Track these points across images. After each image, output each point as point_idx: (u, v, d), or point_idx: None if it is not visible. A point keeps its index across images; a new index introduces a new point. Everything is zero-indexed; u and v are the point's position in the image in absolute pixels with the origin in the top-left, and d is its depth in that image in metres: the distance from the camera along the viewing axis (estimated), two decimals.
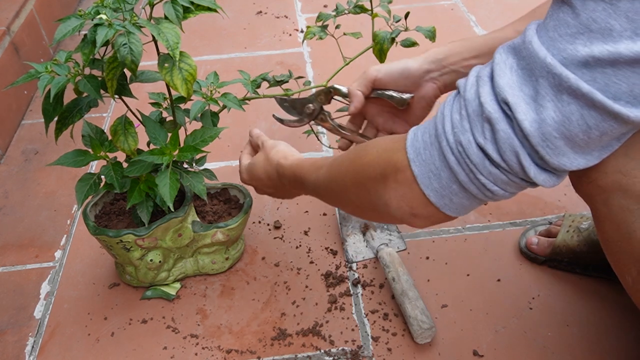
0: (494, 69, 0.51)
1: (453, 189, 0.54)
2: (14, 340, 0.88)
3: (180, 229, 0.87)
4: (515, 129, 0.49)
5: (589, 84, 0.45)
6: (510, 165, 0.51)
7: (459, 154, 0.52)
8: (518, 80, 0.49)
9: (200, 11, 0.70)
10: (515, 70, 0.49)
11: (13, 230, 1.07)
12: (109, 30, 0.64)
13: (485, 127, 0.50)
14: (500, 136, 0.49)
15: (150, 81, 0.80)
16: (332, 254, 0.98)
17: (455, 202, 0.56)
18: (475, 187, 0.53)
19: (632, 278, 0.57)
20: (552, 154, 0.49)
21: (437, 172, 0.54)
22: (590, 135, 0.47)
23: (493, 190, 0.53)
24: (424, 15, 1.68)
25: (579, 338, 0.83)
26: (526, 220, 1.01)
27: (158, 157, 0.77)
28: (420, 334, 0.82)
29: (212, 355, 0.84)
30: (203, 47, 1.58)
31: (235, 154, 1.22)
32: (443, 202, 0.56)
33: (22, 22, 1.42)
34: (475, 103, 0.51)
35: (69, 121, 0.76)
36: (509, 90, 0.49)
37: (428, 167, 0.55)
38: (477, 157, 0.51)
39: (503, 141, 0.49)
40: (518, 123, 0.48)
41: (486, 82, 0.51)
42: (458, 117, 0.53)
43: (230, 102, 0.85)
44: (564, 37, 0.46)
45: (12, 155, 1.26)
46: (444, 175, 0.54)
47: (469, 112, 0.52)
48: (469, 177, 0.53)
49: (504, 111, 0.49)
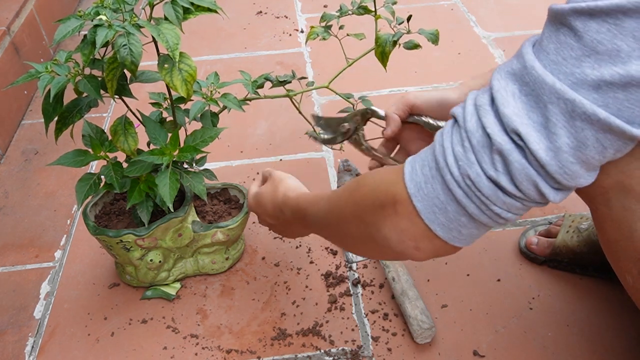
0: (494, 97, 0.49)
1: (462, 221, 0.53)
2: (14, 340, 0.88)
3: (180, 229, 0.87)
4: (529, 158, 0.48)
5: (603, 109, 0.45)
6: (527, 194, 0.49)
7: (467, 188, 0.51)
8: (524, 108, 0.47)
9: (200, 12, 0.70)
10: (518, 97, 0.48)
11: (13, 230, 1.07)
12: (109, 31, 0.64)
13: (496, 159, 0.49)
14: (514, 167, 0.48)
15: (151, 81, 0.80)
16: (332, 254, 0.98)
17: (465, 234, 0.54)
18: (487, 217, 0.52)
19: (632, 278, 0.57)
20: (569, 179, 0.48)
21: (442, 206, 0.53)
22: (606, 155, 0.47)
23: (507, 217, 0.52)
24: (424, 15, 1.68)
25: (579, 338, 0.83)
26: (526, 220, 1.01)
27: (158, 158, 0.77)
28: (420, 334, 0.82)
29: (212, 355, 0.84)
30: (203, 48, 1.58)
31: (235, 154, 1.22)
32: (451, 235, 0.54)
33: (22, 22, 1.43)
34: (479, 134, 0.49)
35: (69, 121, 0.76)
36: (516, 119, 0.47)
37: (432, 202, 0.53)
38: (489, 189, 0.50)
39: (518, 172, 0.48)
40: (532, 153, 0.47)
41: (488, 111, 0.49)
42: (461, 149, 0.51)
43: (230, 103, 0.85)
44: (568, 60, 0.45)
45: (12, 155, 1.26)
46: (450, 209, 0.52)
47: (473, 143, 0.50)
48: (480, 209, 0.52)
49: (514, 141, 0.48)
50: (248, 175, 1.16)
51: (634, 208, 0.53)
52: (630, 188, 0.53)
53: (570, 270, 0.91)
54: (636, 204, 0.53)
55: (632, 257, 0.56)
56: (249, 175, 1.16)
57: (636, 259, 0.55)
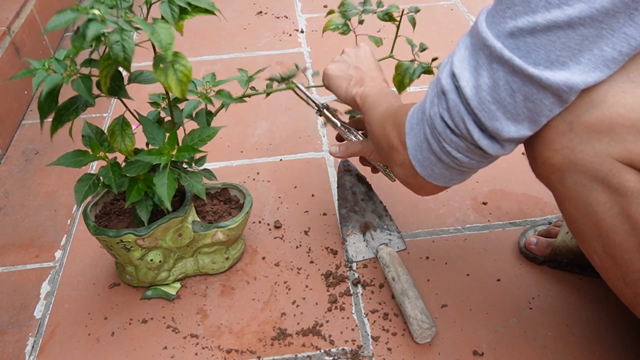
0: (455, 50, 0.58)
1: (431, 159, 0.62)
2: (14, 340, 0.88)
3: (180, 229, 0.87)
4: (460, 96, 0.56)
5: (512, 52, 0.51)
6: (460, 130, 0.57)
7: (431, 126, 0.60)
8: (467, 55, 0.56)
9: (197, 13, 0.70)
10: (467, 47, 0.56)
11: (13, 230, 1.08)
12: (100, 26, 0.64)
13: (442, 98, 0.58)
14: (450, 104, 0.57)
15: (149, 82, 0.80)
16: (332, 254, 0.98)
17: (437, 172, 0.63)
18: (445, 155, 0.60)
19: (598, 256, 0.59)
20: (487, 117, 0.55)
21: (420, 144, 0.62)
22: (516, 99, 0.53)
23: (458, 157, 0.60)
24: (424, 15, 1.68)
25: (579, 338, 0.83)
26: (526, 220, 1.01)
27: (156, 158, 0.77)
28: (420, 334, 0.82)
29: (212, 355, 0.84)
30: (203, 47, 1.58)
31: (235, 154, 1.22)
32: (427, 172, 0.64)
33: (22, 22, 1.43)
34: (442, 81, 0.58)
35: (65, 119, 0.76)
36: (458, 64, 0.56)
37: (416, 141, 0.63)
38: (440, 126, 0.58)
39: (453, 108, 0.56)
40: (461, 90, 0.55)
41: (448, 61, 0.58)
42: (433, 93, 0.60)
43: (223, 98, 0.85)
44: (499, 13, 0.52)
45: (12, 155, 1.26)
46: (424, 146, 0.62)
47: (438, 88, 0.59)
48: (439, 147, 0.60)
49: (454, 83, 0.56)
50: (248, 175, 1.16)
51: (585, 182, 0.55)
52: (577, 163, 0.54)
53: (570, 270, 0.91)
54: (586, 178, 0.55)
55: (593, 233, 0.57)
56: (249, 175, 1.16)
57: (597, 234, 0.56)
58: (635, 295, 0.58)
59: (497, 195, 1.08)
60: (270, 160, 1.20)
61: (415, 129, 0.63)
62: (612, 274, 0.58)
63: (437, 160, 0.62)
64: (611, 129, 0.52)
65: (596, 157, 0.53)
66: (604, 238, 0.56)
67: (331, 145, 0.94)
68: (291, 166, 1.18)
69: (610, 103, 0.52)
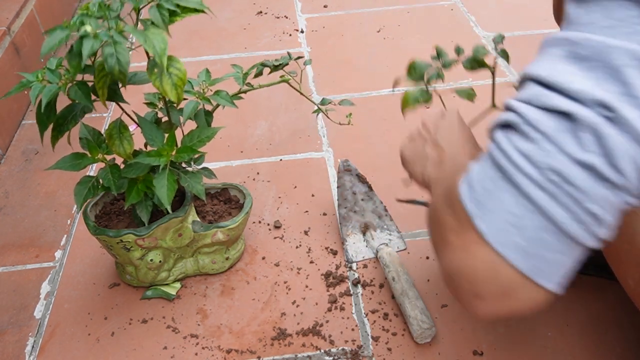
0: (549, 82, 0.42)
1: (545, 239, 0.42)
2: (14, 340, 0.88)
3: (180, 229, 0.87)
4: (624, 130, 0.40)
5: None
6: (628, 176, 0.41)
7: (551, 184, 0.41)
8: (594, 81, 0.40)
9: (186, 13, 0.70)
10: (581, 73, 0.41)
11: (13, 230, 1.08)
12: (95, 42, 0.63)
13: (585, 137, 0.40)
14: (611, 142, 0.39)
15: (144, 83, 0.79)
16: (332, 254, 0.98)
17: (550, 260, 0.43)
18: (581, 224, 0.42)
19: (634, 281, 0.56)
20: None
21: (516, 221, 0.42)
22: None
23: (604, 220, 0.42)
24: (424, 15, 1.68)
25: (579, 338, 0.83)
26: None
27: (155, 159, 0.76)
28: (420, 334, 0.82)
29: (212, 355, 0.84)
30: (203, 47, 1.58)
31: (235, 154, 1.22)
32: (532, 264, 0.43)
33: (22, 22, 1.43)
34: (553, 118, 0.41)
35: (65, 128, 0.76)
36: (595, 91, 0.40)
37: (501, 218, 0.43)
38: (583, 178, 0.40)
39: (617, 148, 0.39)
40: (628, 122, 0.39)
41: (551, 96, 0.42)
42: (529, 144, 0.42)
43: (222, 100, 0.85)
44: (627, 19, 0.40)
45: (12, 155, 1.26)
46: (529, 223, 0.42)
47: (545, 131, 0.41)
48: (571, 212, 0.41)
49: (602, 115, 0.40)
50: (248, 175, 1.16)
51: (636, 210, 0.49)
52: None
53: None
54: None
55: (635, 261, 0.54)
56: (249, 175, 1.16)
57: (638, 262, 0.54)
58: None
59: None
60: (270, 160, 1.20)
61: (490, 204, 0.43)
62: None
63: (556, 237, 0.42)
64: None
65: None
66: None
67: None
68: (291, 166, 1.18)
69: None
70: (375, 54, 1.51)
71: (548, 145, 0.41)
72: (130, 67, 0.65)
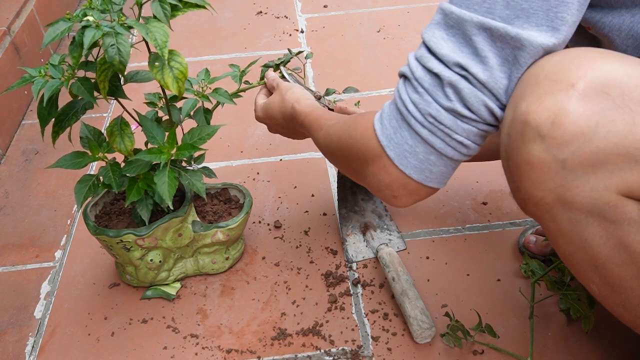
0: (429, 46, 0.58)
1: (431, 160, 0.60)
2: (14, 340, 0.88)
3: (180, 229, 0.87)
4: (473, 82, 0.56)
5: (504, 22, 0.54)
6: (480, 115, 0.57)
7: (430, 125, 0.58)
8: (455, 46, 0.56)
9: (188, 8, 0.70)
10: (448, 39, 0.57)
11: (13, 230, 1.08)
12: (97, 32, 0.64)
13: (448, 91, 0.57)
14: (465, 93, 0.56)
15: (145, 81, 0.80)
16: (332, 254, 0.98)
17: (435, 172, 0.62)
18: (452, 148, 0.59)
19: (596, 286, 0.58)
20: (504, 94, 0.56)
21: (411, 149, 0.60)
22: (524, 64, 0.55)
23: (468, 145, 0.59)
24: (424, 15, 1.68)
25: (579, 338, 0.83)
26: (526, 220, 1.01)
27: (156, 156, 0.77)
28: (420, 334, 0.82)
29: (212, 355, 0.84)
30: (203, 47, 1.58)
31: (235, 154, 1.22)
32: (424, 176, 0.61)
33: (22, 22, 1.43)
34: (428, 77, 0.58)
35: (66, 124, 0.76)
36: (454, 55, 0.56)
37: (402, 148, 0.61)
38: (449, 119, 0.57)
39: (469, 96, 0.56)
40: (475, 76, 0.55)
41: (429, 57, 0.58)
42: (417, 95, 0.59)
43: (221, 97, 0.85)
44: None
45: (12, 155, 1.26)
46: (419, 150, 0.60)
47: (425, 86, 0.58)
48: (445, 142, 0.59)
49: (458, 73, 0.56)
50: (248, 175, 1.16)
51: (580, 219, 0.54)
52: (571, 200, 0.53)
53: None
54: (580, 214, 0.53)
55: (590, 266, 0.56)
56: (249, 175, 1.16)
57: (594, 266, 0.56)
58: (635, 318, 0.58)
59: (497, 195, 1.08)
60: (270, 160, 1.20)
61: (394, 139, 0.61)
62: (611, 300, 0.58)
63: (438, 158, 0.60)
64: (606, 160, 0.50)
65: (592, 192, 0.52)
66: (601, 270, 0.56)
67: None
68: (291, 166, 1.18)
69: (602, 134, 0.50)
70: (375, 54, 1.51)
71: (427, 97, 0.58)
72: (130, 67, 0.65)
